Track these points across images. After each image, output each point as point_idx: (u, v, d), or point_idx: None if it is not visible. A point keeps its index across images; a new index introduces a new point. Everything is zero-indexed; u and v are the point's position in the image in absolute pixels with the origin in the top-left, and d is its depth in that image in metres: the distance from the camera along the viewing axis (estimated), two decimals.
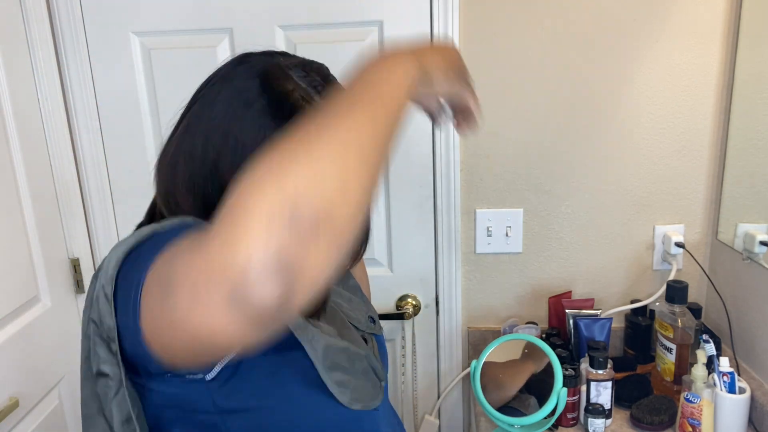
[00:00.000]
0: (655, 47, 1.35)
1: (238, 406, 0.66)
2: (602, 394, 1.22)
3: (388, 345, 1.57)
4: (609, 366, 1.23)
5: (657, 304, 1.39)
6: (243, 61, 0.70)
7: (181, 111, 0.73)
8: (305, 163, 0.43)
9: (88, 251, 1.49)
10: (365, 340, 0.81)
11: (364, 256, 1.04)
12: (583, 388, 1.24)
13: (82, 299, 1.46)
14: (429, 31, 1.38)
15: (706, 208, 1.44)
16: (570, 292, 1.50)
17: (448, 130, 1.42)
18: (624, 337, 1.48)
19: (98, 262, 0.79)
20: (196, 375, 0.64)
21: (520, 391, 1.25)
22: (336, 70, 1.41)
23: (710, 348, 1.15)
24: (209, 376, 0.65)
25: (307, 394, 0.68)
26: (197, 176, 0.68)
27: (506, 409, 1.22)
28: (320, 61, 0.77)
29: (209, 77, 0.72)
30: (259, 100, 0.66)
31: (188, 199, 0.69)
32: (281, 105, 0.66)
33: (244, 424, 0.67)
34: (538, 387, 1.22)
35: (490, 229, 1.48)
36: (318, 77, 0.70)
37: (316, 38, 1.40)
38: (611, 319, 1.39)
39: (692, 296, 1.45)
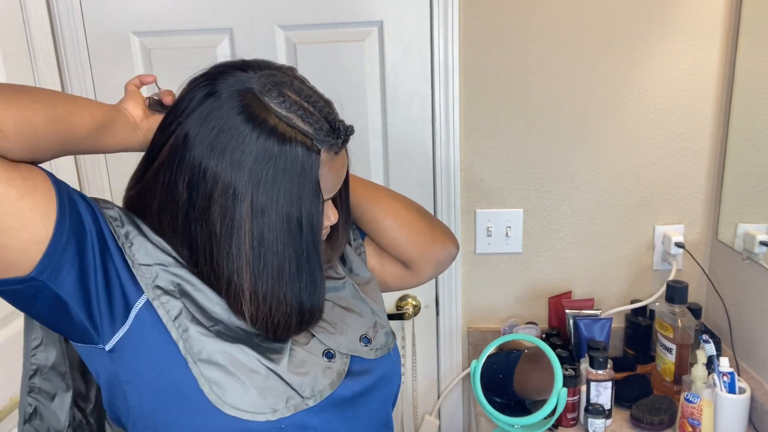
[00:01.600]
0: (655, 47, 1.35)
1: (132, 379, 0.69)
2: (602, 394, 1.22)
3: None
4: (609, 366, 1.23)
5: (657, 304, 1.39)
6: (212, 93, 0.68)
7: (154, 136, 0.72)
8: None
9: None
10: (329, 354, 0.75)
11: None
12: (583, 388, 1.24)
13: None
14: (429, 31, 1.38)
15: (706, 208, 1.44)
16: (570, 292, 1.50)
17: (449, 130, 1.42)
18: (624, 337, 1.48)
19: None
20: (97, 345, 0.68)
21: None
22: (336, 70, 1.42)
23: (710, 348, 1.15)
24: (108, 347, 0.68)
25: (188, 385, 0.68)
26: (181, 217, 0.69)
27: (506, 409, 1.22)
28: (320, 61, 0.78)
29: (177, 106, 0.71)
30: (247, 141, 0.66)
31: (174, 241, 0.71)
32: (269, 142, 0.66)
33: (139, 399, 0.69)
34: (539, 387, 1.22)
35: (490, 229, 1.48)
36: (293, 96, 0.69)
37: (316, 38, 1.40)
38: (611, 319, 1.39)
39: (692, 296, 1.45)
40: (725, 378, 1.15)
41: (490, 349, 1.24)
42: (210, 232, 0.68)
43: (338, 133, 0.71)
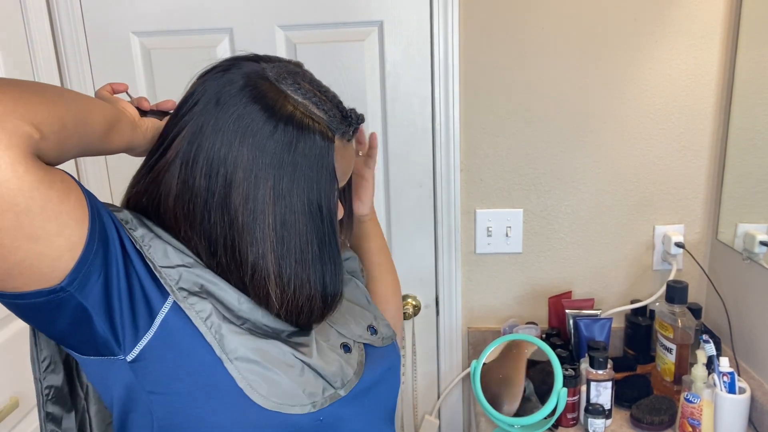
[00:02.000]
0: (655, 47, 1.35)
1: (158, 389, 0.66)
2: (602, 394, 1.22)
3: None
4: (609, 366, 1.23)
5: (657, 304, 1.39)
6: (227, 82, 0.69)
7: (160, 132, 0.72)
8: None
9: None
10: (346, 348, 0.78)
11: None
12: (583, 388, 1.24)
13: None
14: (429, 31, 1.38)
15: (706, 208, 1.44)
16: (570, 292, 1.50)
17: (449, 130, 1.42)
18: (624, 337, 1.48)
19: None
20: (117, 356, 0.65)
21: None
22: (336, 70, 1.42)
23: (710, 348, 1.15)
24: (129, 357, 0.65)
25: (220, 383, 0.66)
26: (200, 208, 0.68)
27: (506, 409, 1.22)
28: (320, 61, 0.79)
29: (189, 98, 0.71)
30: (265, 127, 0.67)
31: (185, 225, 0.70)
32: (287, 127, 0.67)
33: (167, 407, 0.67)
34: (538, 387, 1.22)
35: (490, 229, 1.48)
36: (307, 85, 0.71)
37: (316, 38, 1.40)
38: (611, 319, 1.39)
39: (692, 296, 1.45)
40: (725, 378, 1.15)
41: (490, 349, 1.24)
42: (231, 219, 0.68)
43: (350, 121, 0.73)
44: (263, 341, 0.69)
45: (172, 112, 0.73)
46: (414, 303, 1.54)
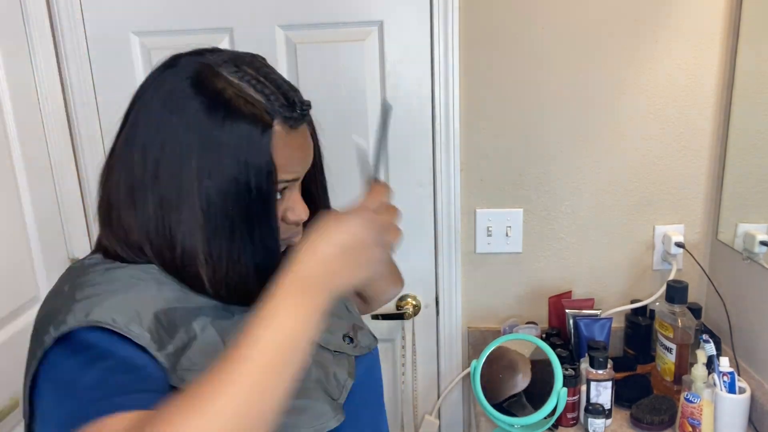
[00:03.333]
0: (655, 47, 1.35)
1: None
2: (602, 394, 1.22)
3: (388, 345, 1.57)
4: (609, 366, 1.23)
5: (657, 304, 1.39)
6: (172, 65, 0.70)
7: (120, 120, 0.73)
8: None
9: (88, 251, 1.48)
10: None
11: None
12: (583, 388, 1.24)
13: None
14: (429, 31, 1.38)
15: (706, 208, 1.44)
16: (570, 292, 1.50)
17: (449, 130, 1.42)
18: (624, 337, 1.48)
19: None
20: None
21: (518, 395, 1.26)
22: (336, 69, 1.42)
23: (710, 348, 1.15)
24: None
25: None
26: (138, 189, 0.68)
27: (506, 409, 1.22)
28: (320, 61, 0.78)
29: (142, 83, 0.72)
30: (192, 103, 0.66)
31: (130, 212, 0.69)
32: (215, 104, 0.66)
33: None
34: (538, 387, 1.22)
35: (490, 229, 1.48)
36: (250, 70, 0.69)
37: (316, 38, 1.40)
38: (611, 319, 1.39)
39: (692, 296, 1.45)
40: (725, 378, 1.15)
41: (490, 349, 1.24)
42: (161, 197, 0.67)
43: (293, 107, 0.69)
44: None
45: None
46: (414, 303, 1.54)
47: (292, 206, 0.74)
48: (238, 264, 0.69)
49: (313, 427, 0.69)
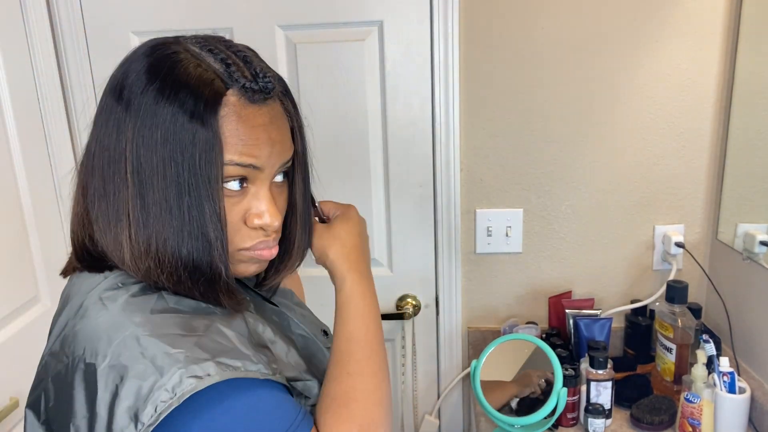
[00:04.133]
0: (655, 47, 1.35)
1: None
2: (602, 394, 1.22)
3: (388, 345, 1.57)
4: (609, 366, 1.23)
5: (657, 304, 1.39)
6: (141, 45, 0.66)
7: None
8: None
9: None
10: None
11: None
12: (583, 388, 1.24)
13: None
14: (429, 31, 1.38)
15: (706, 208, 1.44)
16: (570, 292, 1.50)
17: (449, 130, 1.42)
18: (624, 337, 1.48)
19: None
20: None
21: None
22: (336, 69, 1.42)
23: (710, 348, 1.15)
24: None
25: None
26: (86, 161, 0.65)
27: (506, 409, 1.22)
28: (320, 61, 0.77)
29: None
30: (137, 66, 0.62)
31: (78, 205, 0.66)
32: (159, 66, 0.60)
33: None
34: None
35: (490, 229, 1.48)
36: (220, 45, 0.63)
37: (316, 38, 1.40)
38: (611, 319, 1.39)
39: (692, 296, 1.45)
40: (725, 378, 1.15)
41: (491, 349, 1.24)
42: (96, 167, 0.62)
43: (255, 77, 0.61)
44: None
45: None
46: (414, 303, 1.54)
47: (258, 207, 0.64)
48: (168, 252, 0.61)
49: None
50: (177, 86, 0.59)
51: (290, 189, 0.71)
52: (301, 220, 0.74)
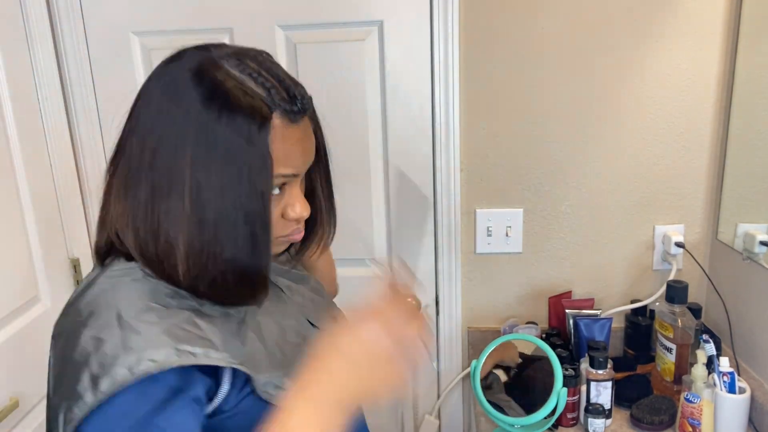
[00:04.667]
0: (656, 47, 1.35)
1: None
2: (602, 394, 1.22)
3: None
4: (609, 366, 1.23)
5: (657, 304, 1.39)
6: (176, 57, 0.71)
7: (126, 114, 0.72)
8: None
9: (88, 251, 1.49)
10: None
11: (364, 255, 1.05)
12: (583, 388, 1.24)
13: None
14: (429, 31, 1.38)
15: (706, 208, 1.44)
16: (570, 292, 1.50)
17: (449, 130, 1.42)
18: (624, 337, 1.48)
19: None
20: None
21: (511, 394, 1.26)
22: (336, 69, 1.42)
23: (710, 348, 1.15)
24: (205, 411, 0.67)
25: None
26: (133, 177, 0.68)
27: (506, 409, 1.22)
28: (320, 61, 0.77)
29: (148, 76, 0.72)
30: (191, 93, 0.66)
31: (120, 200, 0.70)
32: (213, 95, 0.65)
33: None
34: (538, 387, 1.22)
35: (490, 229, 1.48)
36: (253, 64, 0.69)
37: (316, 38, 1.40)
38: (611, 319, 1.39)
39: (692, 296, 1.45)
40: (725, 378, 1.15)
41: (490, 349, 1.24)
42: (153, 185, 0.67)
43: (294, 101, 0.69)
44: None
45: None
46: (414, 303, 1.54)
47: (292, 203, 0.73)
48: (217, 260, 0.67)
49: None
50: (232, 115, 0.65)
51: (309, 177, 0.80)
52: (326, 203, 0.84)
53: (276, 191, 0.71)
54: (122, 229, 0.70)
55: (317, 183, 0.82)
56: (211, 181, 0.65)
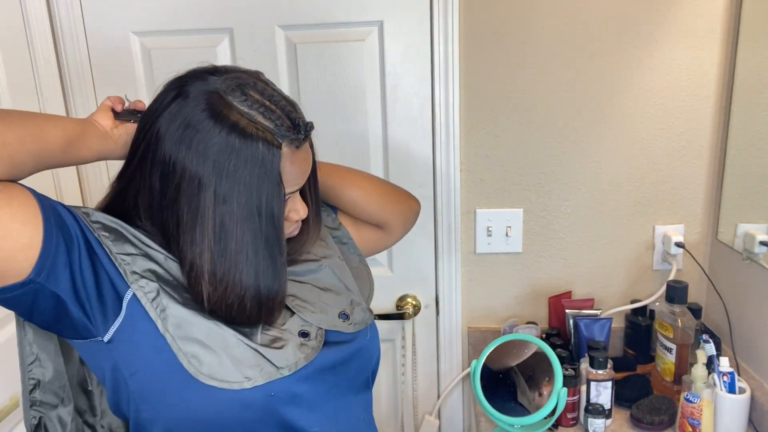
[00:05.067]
0: (656, 47, 1.35)
1: (130, 368, 0.74)
2: (602, 394, 1.22)
3: (388, 345, 1.57)
4: (609, 366, 1.23)
5: (657, 304, 1.39)
6: (182, 94, 0.75)
7: (133, 137, 0.79)
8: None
9: None
10: (304, 334, 0.81)
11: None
12: (583, 388, 1.24)
13: None
14: (429, 31, 1.38)
15: (706, 208, 1.44)
16: (570, 292, 1.50)
17: (449, 130, 1.42)
18: (624, 337, 1.48)
19: None
20: (96, 338, 0.74)
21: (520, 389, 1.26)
22: (336, 69, 1.42)
23: (710, 348, 1.15)
24: (106, 339, 0.73)
25: (168, 364, 0.73)
26: (156, 210, 0.76)
27: (506, 409, 1.22)
28: (320, 61, 0.79)
29: (152, 109, 0.77)
30: (212, 137, 0.72)
31: (147, 225, 0.78)
32: (230, 136, 0.72)
33: (139, 386, 0.74)
34: (538, 386, 1.22)
35: (490, 229, 1.48)
36: (256, 95, 0.75)
37: (316, 38, 1.40)
38: (611, 319, 1.39)
39: (692, 296, 1.45)
40: (725, 378, 1.15)
41: (491, 349, 1.24)
42: (178, 218, 0.74)
43: (298, 129, 0.76)
44: (206, 320, 0.75)
45: (143, 112, 0.80)
46: (414, 303, 1.54)
47: (296, 208, 0.82)
48: (238, 286, 0.75)
49: (218, 380, 0.73)
50: (249, 153, 0.72)
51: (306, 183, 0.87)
52: (315, 206, 0.91)
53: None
54: None
55: (305, 185, 0.87)
56: (234, 216, 0.73)
